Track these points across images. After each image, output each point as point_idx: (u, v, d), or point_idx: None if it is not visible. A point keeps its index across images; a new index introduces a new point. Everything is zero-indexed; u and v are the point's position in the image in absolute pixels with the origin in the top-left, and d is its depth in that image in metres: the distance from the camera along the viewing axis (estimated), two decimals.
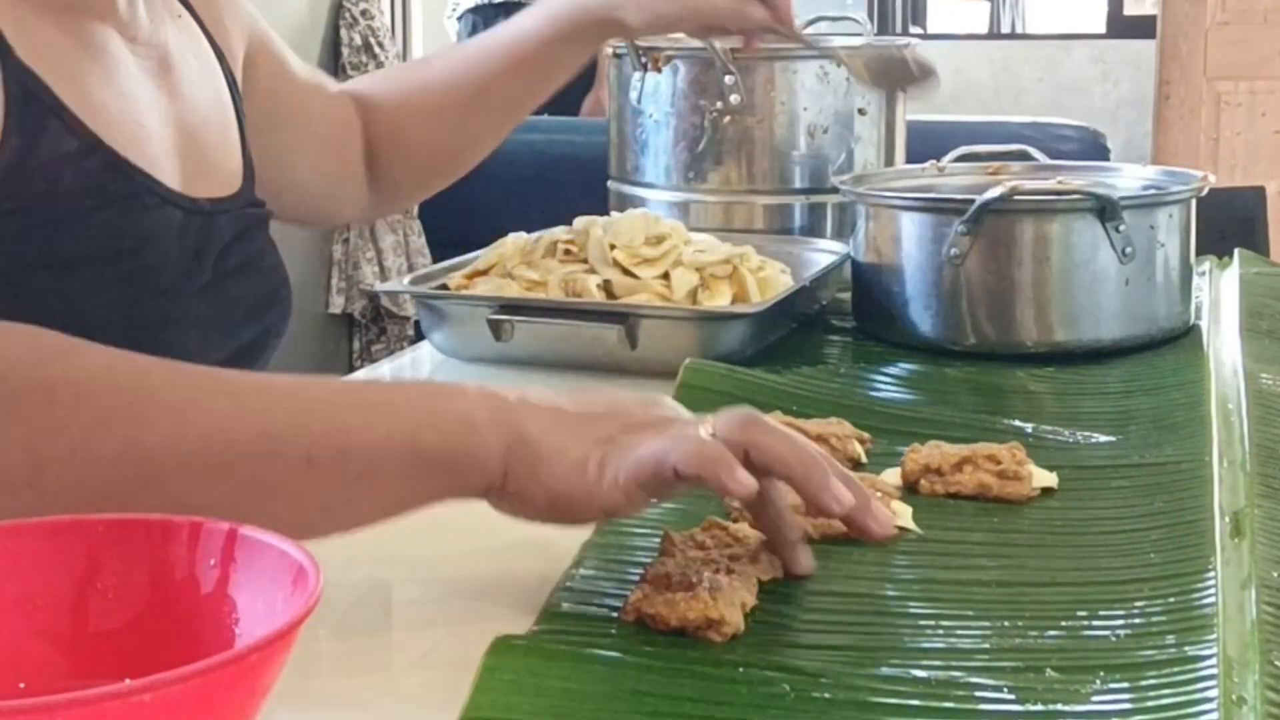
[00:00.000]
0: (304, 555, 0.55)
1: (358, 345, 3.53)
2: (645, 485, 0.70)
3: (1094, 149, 2.82)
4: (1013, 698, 0.61)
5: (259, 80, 1.14)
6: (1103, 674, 0.63)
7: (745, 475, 0.68)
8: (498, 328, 1.15)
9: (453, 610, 0.73)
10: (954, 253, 1.15)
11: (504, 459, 0.70)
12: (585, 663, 0.62)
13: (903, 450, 0.88)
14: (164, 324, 0.94)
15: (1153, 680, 0.62)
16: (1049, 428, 0.97)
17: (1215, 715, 0.59)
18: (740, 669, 0.61)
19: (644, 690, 0.60)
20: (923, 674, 0.63)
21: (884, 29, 5.43)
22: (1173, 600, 0.70)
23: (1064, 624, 0.68)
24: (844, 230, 1.40)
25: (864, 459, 0.90)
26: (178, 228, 0.95)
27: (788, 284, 1.22)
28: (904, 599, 0.72)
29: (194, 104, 1.02)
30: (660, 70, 1.44)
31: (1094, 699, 0.61)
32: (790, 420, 0.91)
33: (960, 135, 1.53)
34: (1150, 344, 1.17)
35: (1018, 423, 0.98)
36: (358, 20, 3.50)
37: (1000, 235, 1.15)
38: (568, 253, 1.22)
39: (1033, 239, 1.15)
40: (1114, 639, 0.67)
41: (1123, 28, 5.33)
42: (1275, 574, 0.72)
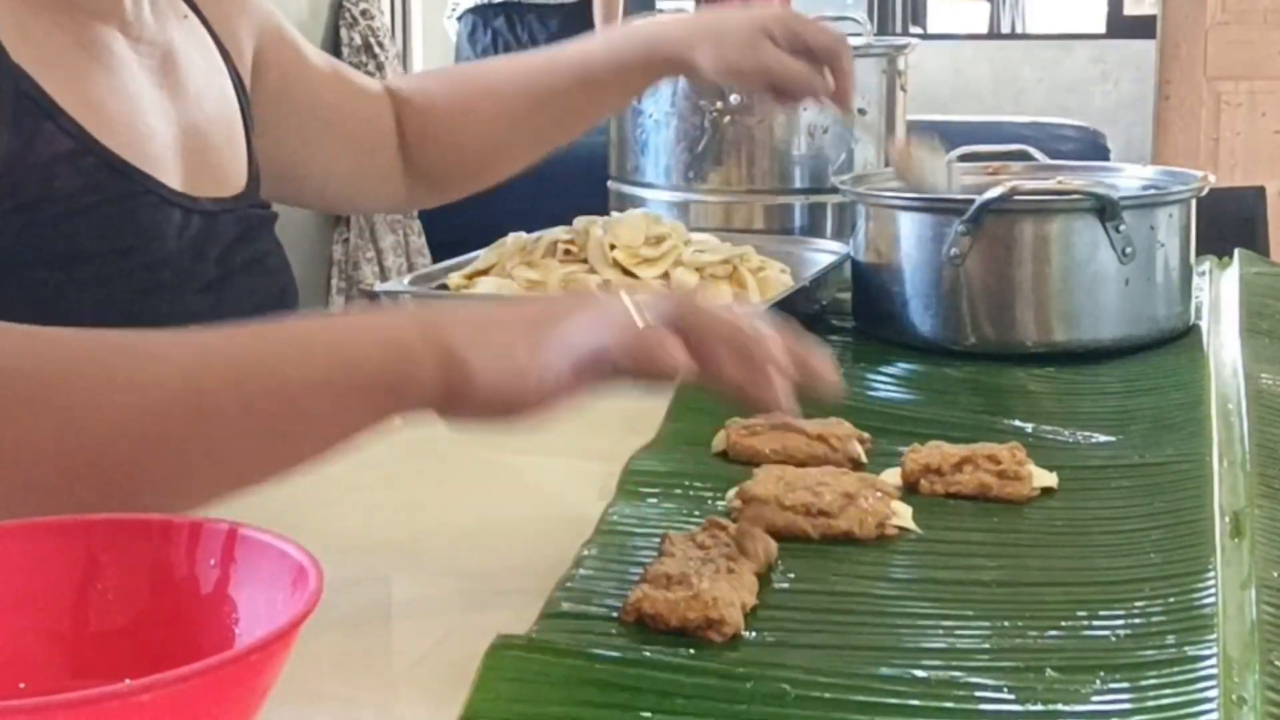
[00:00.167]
0: (304, 555, 0.55)
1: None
2: (583, 376, 0.70)
3: (1094, 149, 2.83)
4: (1013, 698, 0.61)
5: (273, 69, 1.14)
6: (1103, 674, 0.63)
7: (683, 355, 0.69)
8: None
9: (453, 610, 0.73)
10: (954, 253, 1.15)
11: (439, 371, 0.70)
12: (585, 662, 0.62)
13: (903, 450, 0.88)
14: (165, 322, 0.94)
15: (1153, 680, 0.62)
16: (1049, 428, 0.97)
17: (1215, 715, 0.59)
18: (740, 668, 0.61)
19: (644, 690, 0.60)
20: (923, 674, 0.63)
21: (884, 29, 5.43)
22: (1173, 600, 0.70)
23: (1064, 624, 0.68)
24: (844, 230, 1.40)
25: (864, 459, 0.90)
26: (177, 227, 0.95)
27: (788, 284, 1.22)
28: (904, 599, 0.72)
29: (198, 104, 1.02)
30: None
31: (1094, 699, 0.61)
32: (790, 420, 0.91)
33: (960, 135, 1.53)
34: (1150, 344, 1.17)
35: (1018, 423, 0.98)
36: (358, 20, 3.50)
37: (1000, 235, 1.15)
38: (568, 253, 1.22)
39: (1033, 239, 1.15)
40: (1114, 639, 0.67)
41: (1123, 28, 5.32)
42: (1275, 574, 0.72)
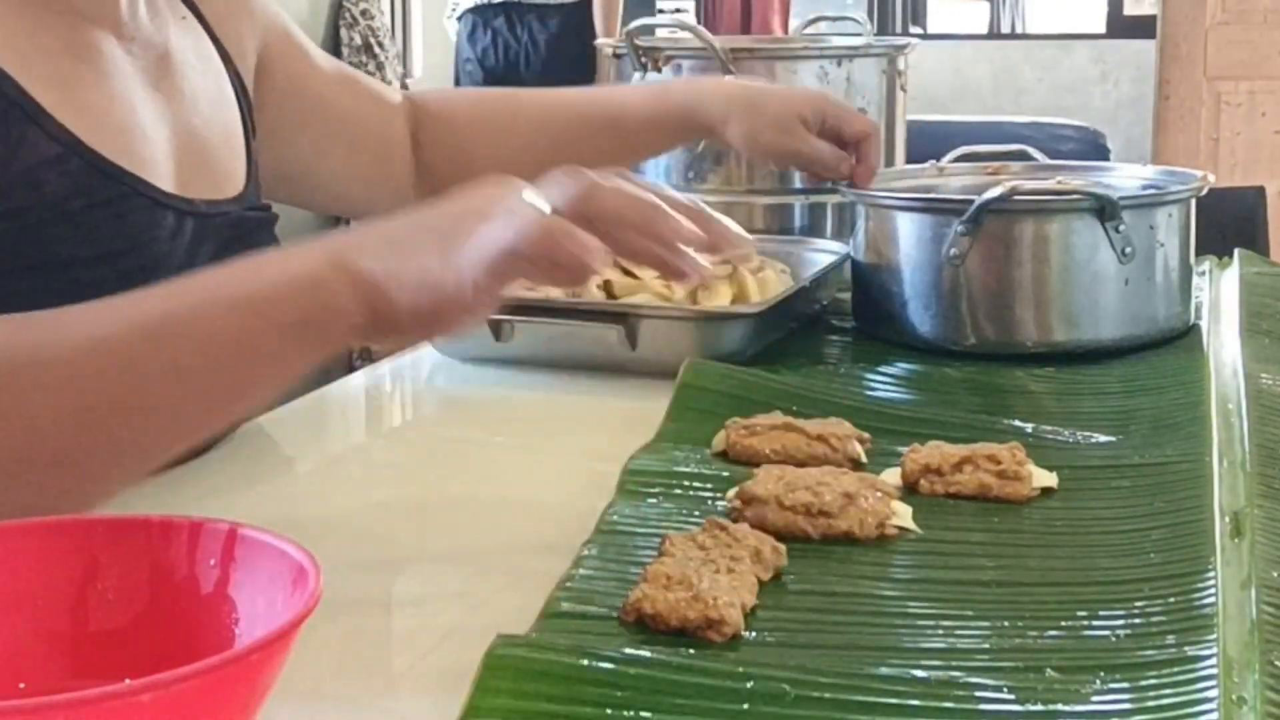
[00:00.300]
0: (304, 555, 0.55)
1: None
2: (497, 276, 0.71)
3: (1094, 149, 2.83)
4: (1013, 698, 0.61)
5: (279, 70, 1.14)
6: (1103, 674, 0.63)
7: (591, 240, 0.70)
8: (498, 328, 1.15)
9: (453, 610, 0.74)
10: (954, 253, 1.15)
11: (358, 301, 0.71)
12: (585, 662, 0.62)
13: (903, 450, 0.88)
14: None
15: (1153, 680, 0.62)
16: (1049, 428, 0.97)
17: (1215, 715, 0.59)
18: (740, 668, 0.61)
19: (644, 690, 0.60)
20: (923, 674, 0.63)
21: (884, 29, 5.43)
22: (1173, 600, 0.70)
23: (1064, 624, 0.68)
24: (844, 230, 1.40)
25: (864, 459, 0.90)
26: (170, 229, 0.95)
27: (788, 284, 1.22)
28: (904, 599, 0.72)
29: (195, 105, 1.01)
30: (660, 70, 1.44)
31: (1094, 699, 0.61)
32: (790, 420, 0.91)
33: (960, 135, 1.53)
34: (1150, 344, 1.17)
35: (1018, 423, 0.98)
36: (358, 20, 3.50)
37: (1000, 235, 1.15)
38: None
39: (1032, 239, 1.15)
40: (1114, 639, 0.67)
41: (1123, 28, 5.33)
42: (1275, 574, 0.72)
